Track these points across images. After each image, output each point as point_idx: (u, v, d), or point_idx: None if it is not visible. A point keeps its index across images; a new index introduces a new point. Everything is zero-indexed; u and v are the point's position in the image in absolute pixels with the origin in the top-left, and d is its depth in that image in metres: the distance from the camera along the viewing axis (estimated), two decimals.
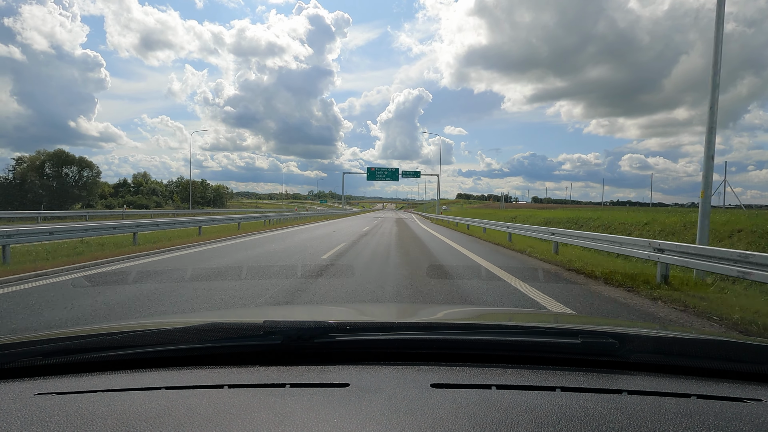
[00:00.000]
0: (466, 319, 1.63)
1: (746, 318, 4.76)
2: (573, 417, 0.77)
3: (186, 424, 0.76)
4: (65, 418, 0.79)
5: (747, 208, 20.35)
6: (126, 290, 5.82)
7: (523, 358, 1.07)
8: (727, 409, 0.81)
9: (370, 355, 1.10)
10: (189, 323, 1.19)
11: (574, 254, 10.29)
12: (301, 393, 0.89)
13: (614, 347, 1.04)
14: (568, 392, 0.89)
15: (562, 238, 10.71)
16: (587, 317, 4.08)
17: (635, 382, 0.94)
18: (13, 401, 0.88)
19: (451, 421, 0.76)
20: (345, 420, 0.77)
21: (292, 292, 5.64)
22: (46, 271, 6.92)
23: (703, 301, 5.59)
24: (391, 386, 0.91)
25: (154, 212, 40.51)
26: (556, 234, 11.06)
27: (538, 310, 4.85)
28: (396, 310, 2.31)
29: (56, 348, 1.11)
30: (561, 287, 6.48)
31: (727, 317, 4.83)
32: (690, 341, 1.10)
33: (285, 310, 2.87)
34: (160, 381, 0.97)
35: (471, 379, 0.96)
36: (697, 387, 0.91)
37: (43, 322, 4.23)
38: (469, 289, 6.24)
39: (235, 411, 0.81)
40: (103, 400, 0.88)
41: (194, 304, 4.93)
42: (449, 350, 1.10)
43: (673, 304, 5.53)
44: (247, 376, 0.99)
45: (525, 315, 2.34)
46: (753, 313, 4.95)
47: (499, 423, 0.75)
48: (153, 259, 8.94)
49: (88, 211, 33.74)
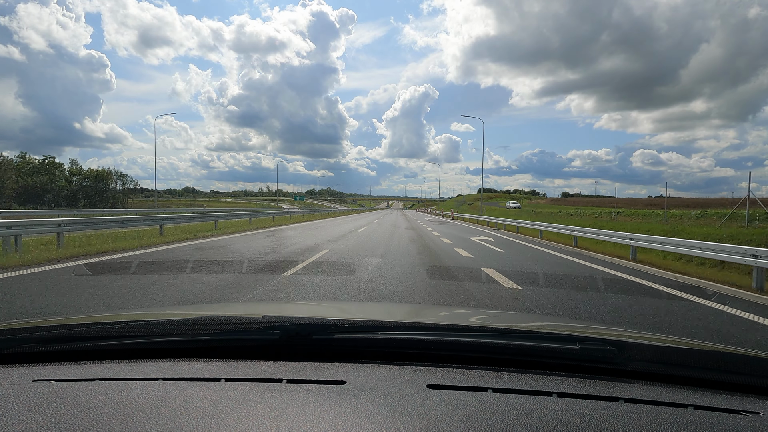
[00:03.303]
0: (465, 321, 1.63)
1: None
2: (569, 423, 0.77)
3: (182, 415, 0.76)
4: (63, 405, 0.80)
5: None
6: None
7: (521, 362, 1.07)
8: (724, 421, 0.81)
9: (368, 353, 1.10)
10: (188, 315, 1.19)
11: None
12: (297, 389, 0.89)
13: (612, 354, 1.04)
14: (564, 398, 0.88)
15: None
16: (586, 323, 4.08)
17: (632, 390, 0.94)
18: (11, 387, 0.89)
19: (446, 423, 0.76)
20: (341, 417, 0.77)
21: None
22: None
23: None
24: (388, 385, 0.91)
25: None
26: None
27: (538, 314, 4.84)
28: (395, 309, 2.31)
29: (55, 335, 1.12)
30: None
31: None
32: (688, 351, 1.10)
33: (284, 305, 2.88)
34: (157, 372, 0.98)
35: (468, 381, 0.96)
36: (695, 397, 0.91)
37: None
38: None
39: (231, 404, 0.81)
40: (100, 388, 0.88)
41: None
42: (447, 352, 1.10)
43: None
44: (245, 370, 0.99)
45: (524, 319, 2.34)
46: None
47: (495, 426, 0.75)
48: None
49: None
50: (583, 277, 8.09)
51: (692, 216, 21.84)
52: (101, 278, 6.70)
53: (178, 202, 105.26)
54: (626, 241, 11.63)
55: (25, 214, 27.20)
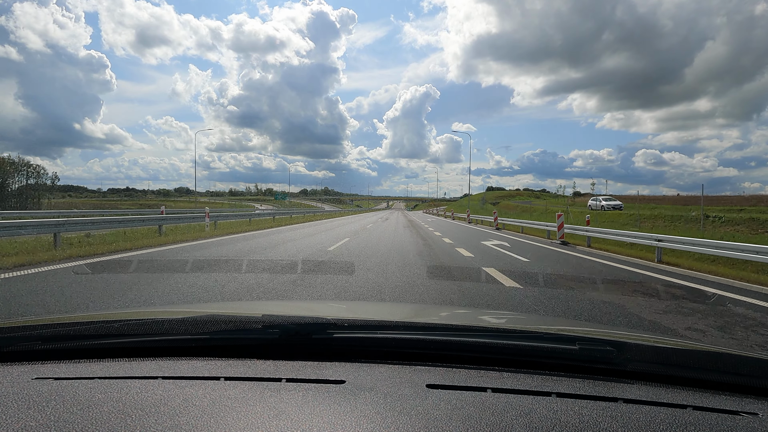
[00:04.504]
0: (465, 321, 1.63)
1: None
2: (567, 423, 0.77)
3: (181, 414, 0.76)
4: (62, 403, 0.80)
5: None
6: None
7: (520, 362, 1.07)
8: (722, 422, 0.81)
9: (367, 353, 1.10)
10: (187, 314, 1.19)
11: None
12: (296, 388, 0.89)
13: (611, 355, 1.04)
14: (563, 398, 0.88)
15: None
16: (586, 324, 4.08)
17: (631, 390, 0.94)
18: (11, 385, 0.89)
19: (445, 422, 0.76)
20: (340, 417, 0.77)
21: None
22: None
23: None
24: (387, 385, 0.91)
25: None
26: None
27: (537, 314, 4.83)
28: (395, 309, 2.31)
29: (55, 333, 1.12)
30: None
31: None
32: (688, 352, 1.10)
33: (283, 304, 2.88)
34: (157, 370, 0.98)
35: (467, 381, 0.96)
36: (693, 398, 0.91)
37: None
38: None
39: (230, 403, 0.81)
40: (100, 387, 0.88)
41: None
42: (446, 351, 1.10)
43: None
44: (244, 369, 0.99)
45: (523, 319, 2.34)
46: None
47: (494, 426, 0.75)
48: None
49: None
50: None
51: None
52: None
53: (131, 203, 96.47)
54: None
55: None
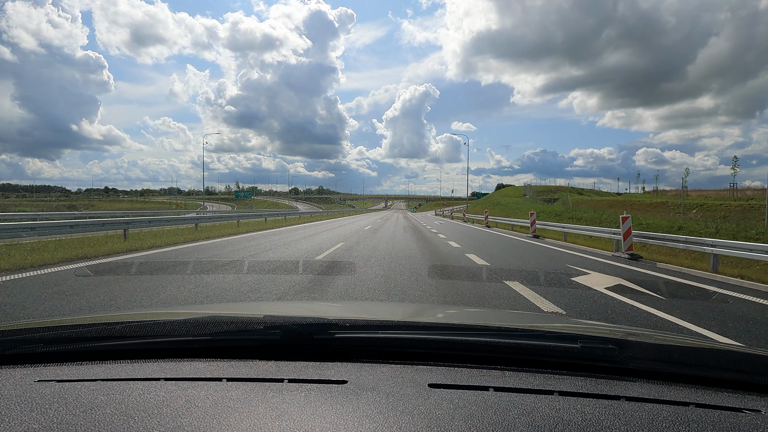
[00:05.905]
0: (466, 320, 1.63)
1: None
2: (570, 421, 0.77)
3: (184, 415, 0.76)
4: (65, 406, 0.80)
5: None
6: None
7: (522, 360, 1.07)
8: (725, 419, 0.81)
9: (369, 353, 1.10)
10: (189, 315, 1.20)
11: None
12: (298, 388, 0.89)
13: (613, 353, 1.04)
14: (565, 396, 0.88)
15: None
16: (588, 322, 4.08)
17: (634, 388, 0.94)
18: (13, 387, 0.89)
19: (447, 422, 0.76)
20: (342, 417, 0.77)
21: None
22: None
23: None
24: (389, 385, 0.91)
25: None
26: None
27: (539, 313, 4.84)
28: (397, 309, 2.31)
29: (57, 336, 1.12)
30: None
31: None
32: (690, 349, 1.10)
33: (285, 305, 2.88)
34: (159, 372, 0.98)
35: (469, 380, 0.96)
36: (696, 395, 0.91)
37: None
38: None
39: (232, 404, 0.81)
40: (102, 389, 0.88)
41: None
42: (448, 351, 1.10)
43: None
44: (246, 370, 0.99)
45: (525, 317, 2.34)
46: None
47: (496, 425, 0.75)
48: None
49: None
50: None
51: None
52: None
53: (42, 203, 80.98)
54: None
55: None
